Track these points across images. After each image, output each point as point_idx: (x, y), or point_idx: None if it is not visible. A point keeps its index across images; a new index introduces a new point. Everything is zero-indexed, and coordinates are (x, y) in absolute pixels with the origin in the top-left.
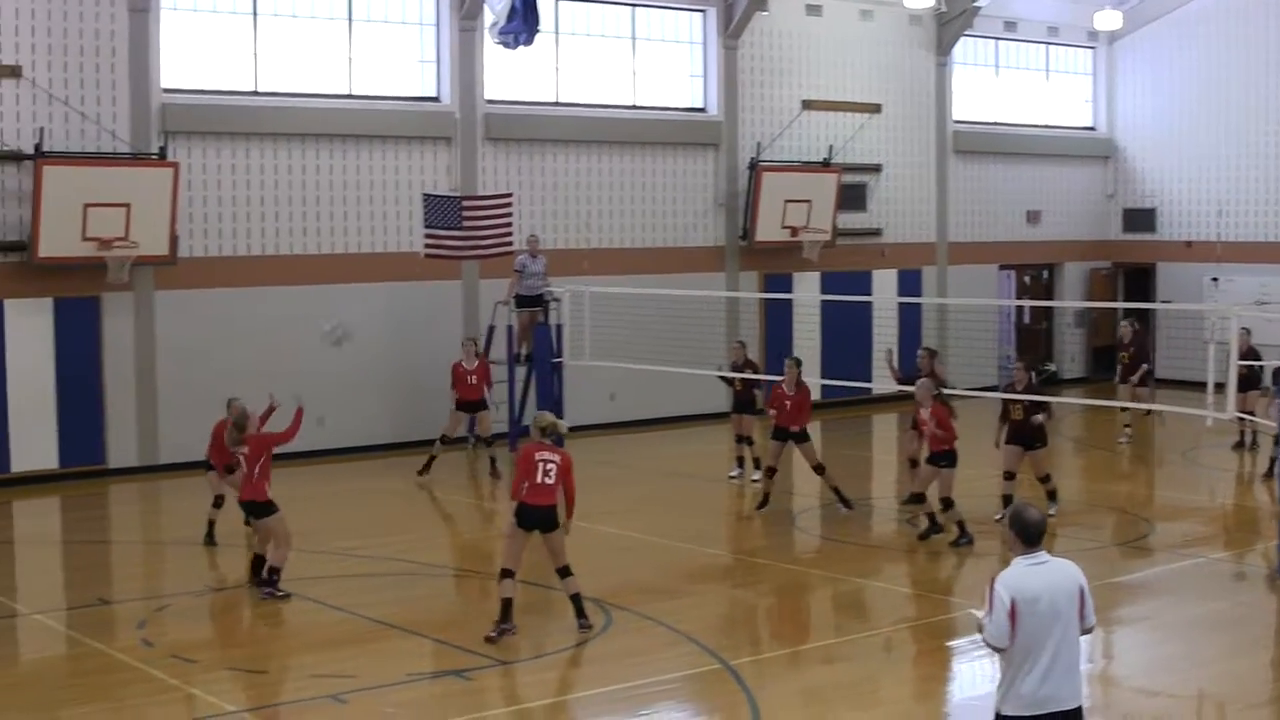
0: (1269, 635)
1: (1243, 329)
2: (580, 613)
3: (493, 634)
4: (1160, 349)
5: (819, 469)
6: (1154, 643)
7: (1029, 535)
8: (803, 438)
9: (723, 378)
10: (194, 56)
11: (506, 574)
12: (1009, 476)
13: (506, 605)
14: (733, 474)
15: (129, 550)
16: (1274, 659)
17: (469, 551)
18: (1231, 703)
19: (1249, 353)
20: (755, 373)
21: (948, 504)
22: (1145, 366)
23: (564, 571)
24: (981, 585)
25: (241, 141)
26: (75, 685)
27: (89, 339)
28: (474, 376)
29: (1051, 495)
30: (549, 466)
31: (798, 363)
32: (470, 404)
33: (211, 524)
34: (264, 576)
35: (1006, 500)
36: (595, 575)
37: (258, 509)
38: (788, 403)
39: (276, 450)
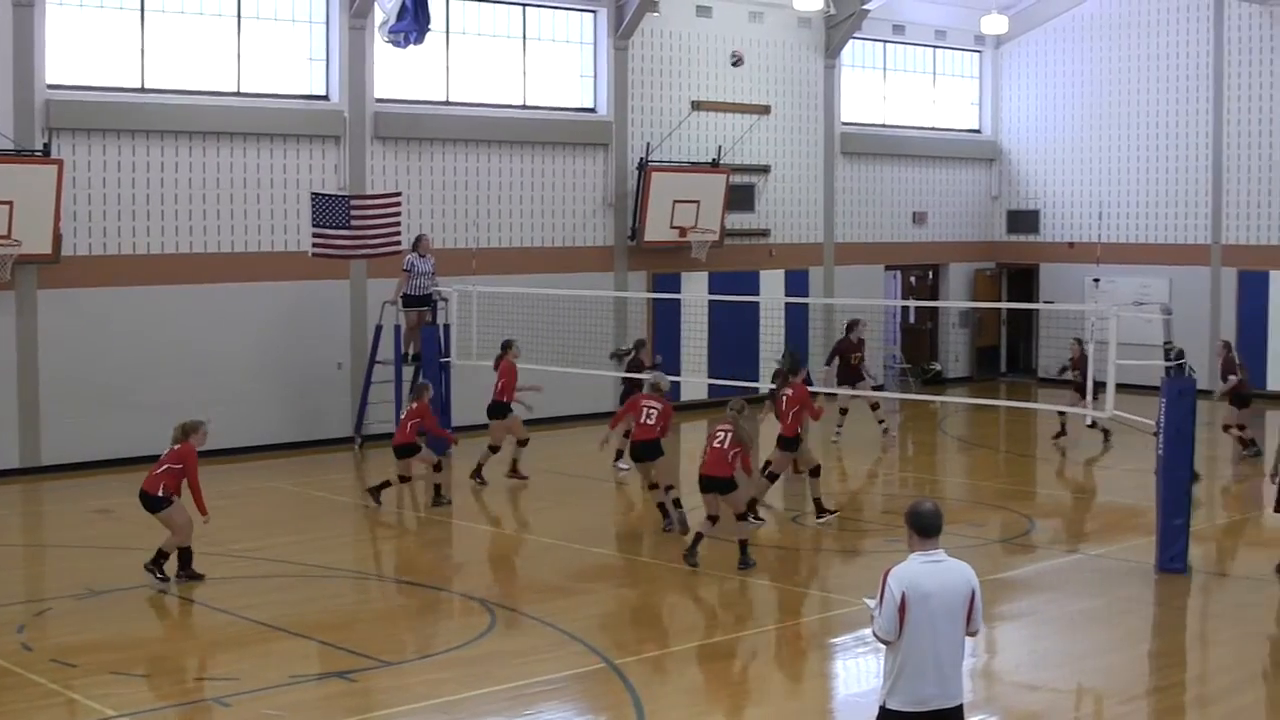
0: (1146, 629)
1: (1075, 339)
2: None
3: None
4: (1042, 348)
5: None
6: (1035, 638)
7: (925, 529)
8: None
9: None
10: (80, 52)
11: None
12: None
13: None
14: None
15: (8, 554)
16: (1151, 652)
17: (356, 553)
18: (1110, 696)
19: (1082, 361)
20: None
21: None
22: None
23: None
24: (864, 585)
25: (128, 139)
26: None
27: None
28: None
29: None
30: (651, 410)
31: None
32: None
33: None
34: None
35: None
36: (482, 575)
37: (152, 502)
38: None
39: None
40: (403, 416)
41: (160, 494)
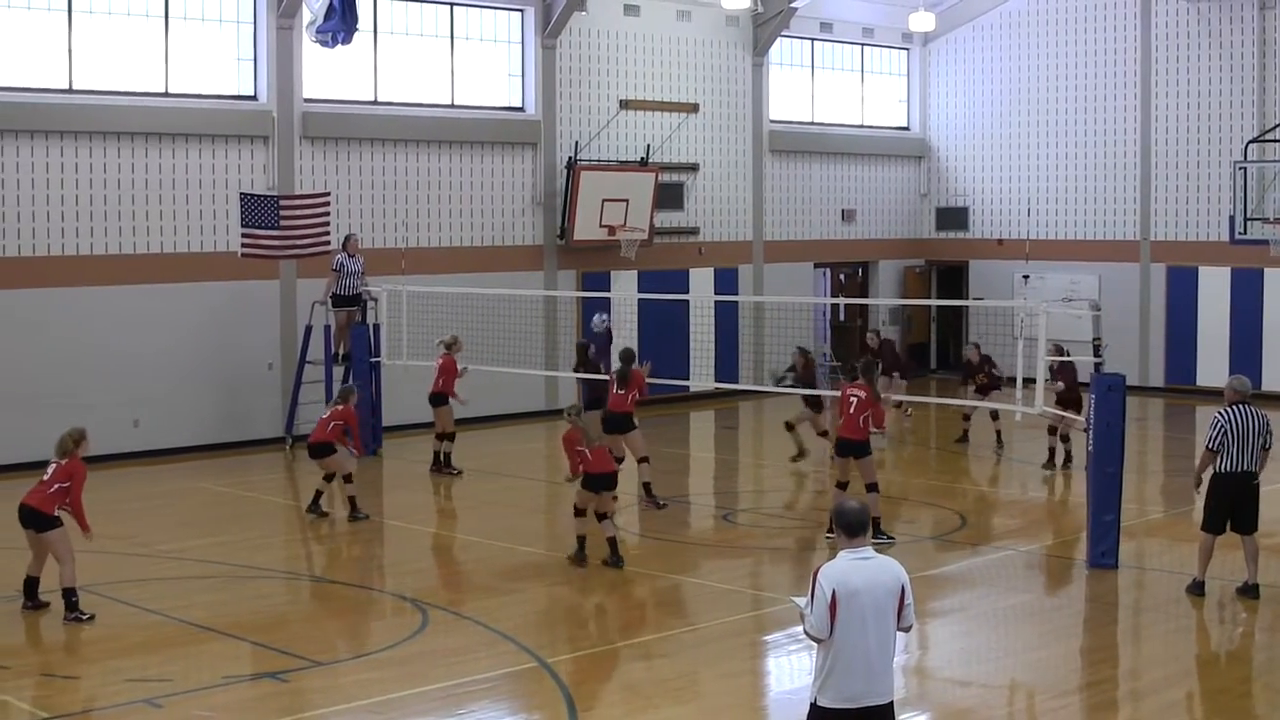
0: (1077, 624)
1: (973, 343)
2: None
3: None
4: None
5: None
6: (966, 634)
7: (850, 528)
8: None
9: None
10: (6, 53)
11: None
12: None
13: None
14: None
15: None
16: (1082, 647)
17: (287, 553)
18: (1042, 691)
19: (985, 361)
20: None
21: None
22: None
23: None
24: (796, 582)
25: (55, 140)
26: None
27: None
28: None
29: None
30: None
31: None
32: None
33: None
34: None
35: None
36: (412, 575)
37: (41, 520)
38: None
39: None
40: (324, 416)
41: (55, 513)
